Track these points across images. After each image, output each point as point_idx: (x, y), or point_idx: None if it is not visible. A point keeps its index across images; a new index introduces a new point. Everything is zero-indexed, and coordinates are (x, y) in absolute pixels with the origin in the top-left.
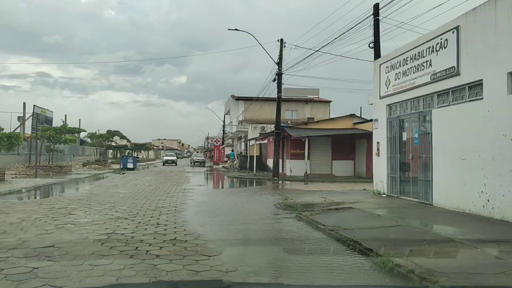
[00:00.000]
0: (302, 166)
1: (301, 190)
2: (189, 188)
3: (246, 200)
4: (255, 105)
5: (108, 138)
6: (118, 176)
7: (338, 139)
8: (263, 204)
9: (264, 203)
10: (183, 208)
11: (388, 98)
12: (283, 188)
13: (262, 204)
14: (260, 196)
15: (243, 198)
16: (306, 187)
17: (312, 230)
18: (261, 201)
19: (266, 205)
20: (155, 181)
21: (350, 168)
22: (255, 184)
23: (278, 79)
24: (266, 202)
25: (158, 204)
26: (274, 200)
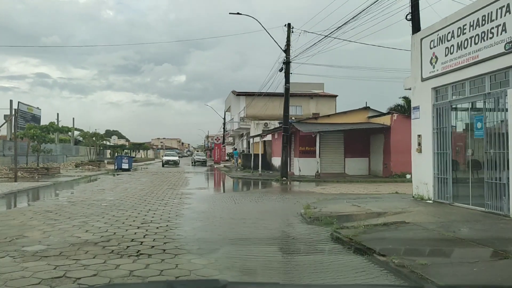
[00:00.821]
0: (312, 164)
1: (319, 194)
2: (188, 193)
3: (258, 210)
4: (257, 100)
5: (102, 137)
6: (109, 178)
7: (351, 134)
8: (282, 215)
9: (282, 214)
10: (178, 223)
11: (435, 80)
12: (296, 190)
13: (280, 216)
14: (274, 203)
15: (253, 205)
16: (323, 189)
17: (368, 264)
18: (277, 210)
19: (285, 216)
20: (150, 184)
21: (365, 167)
22: (263, 186)
23: (285, 68)
24: (284, 211)
25: (147, 217)
26: (293, 209)
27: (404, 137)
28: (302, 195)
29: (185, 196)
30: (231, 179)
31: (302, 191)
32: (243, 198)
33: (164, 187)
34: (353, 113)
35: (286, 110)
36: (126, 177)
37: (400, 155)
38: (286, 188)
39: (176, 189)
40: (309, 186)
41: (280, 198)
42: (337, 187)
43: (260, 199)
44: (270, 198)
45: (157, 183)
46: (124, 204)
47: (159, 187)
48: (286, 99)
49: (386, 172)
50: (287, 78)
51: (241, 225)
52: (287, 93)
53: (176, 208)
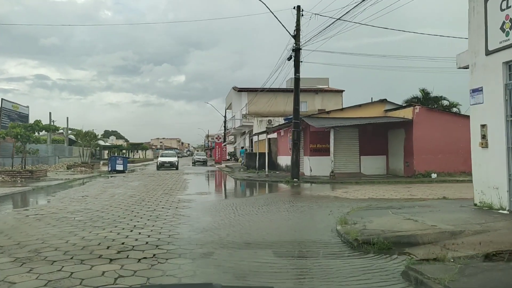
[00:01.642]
0: (325, 163)
1: (344, 199)
2: (186, 200)
3: (278, 226)
4: (260, 97)
5: (96, 137)
6: (100, 181)
7: (367, 130)
8: (313, 234)
9: (314, 233)
10: (170, 252)
11: (508, 52)
12: (314, 195)
13: (312, 236)
14: (296, 214)
15: (270, 218)
16: (345, 193)
17: None
18: (304, 226)
19: (319, 237)
20: (143, 188)
21: (382, 165)
22: (273, 189)
23: (295, 56)
24: (314, 229)
25: (128, 240)
26: (323, 222)
27: (429, 132)
28: (324, 201)
29: (183, 205)
30: (235, 181)
31: (321, 195)
32: (254, 207)
33: (159, 192)
34: (369, 107)
35: (296, 102)
36: (118, 180)
37: (424, 152)
38: (301, 191)
39: (172, 194)
40: (326, 188)
41: (301, 207)
42: (360, 189)
43: (276, 208)
44: (288, 207)
45: (152, 187)
46: (104, 218)
47: (153, 193)
48: (296, 90)
49: (408, 171)
50: (297, 67)
51: (261, 257)
52: (297, 84)
53: (169, 224)
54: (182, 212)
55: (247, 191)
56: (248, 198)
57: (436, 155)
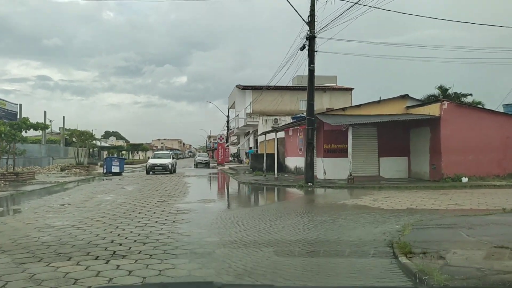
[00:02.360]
0: (340, 166)
1: (378, 209)
2: (186, 210)
3: (303, 262)
4: (266, 95)
5: (92, 136)
6: (91, 185)
7: (387, 129)
8: (365, 269)
9: (365, 267)
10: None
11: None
12: (339, 204)
13: (355, 271)
14: (326, 232)
15: (294, 237)
16: (374, 201)
17: None
18: (344, 252)
19: (368, 273)
20: (137, 194)
21: (403, 168)
22: (287, 196)
23: (309, 45)
24: (362, 257)
25: (100, 279)
26: (367, 247)
27: (458, 131)
28: (353, 212)
29: (181, 218)
30: (241, 185)
31: (346, 204)
32: (269, 219)
33: (155, 199)
34: (388, 103)
35: (310, 97)
36: (112, 183)
37: (453, 153)
38: (319, 199)
39: (170, 202)
40: (348, 195)
41: (324, 222)
42: (389, 196)
43: (296, 221)
44: (311, 221)
45: (147, 193)
46: (78, 238)
47: (148, 200)
48: (310, 83)
49: (434, 174)
50: (311, 57)
51: None
52: (311, 76)
53: (162, 250)
54: (180, 229)
55: (256, 197)
56: (259, 208)
57: (467, 156)
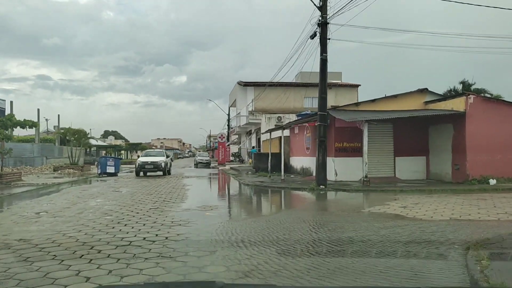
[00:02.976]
0: (353, 166)
1: (420, 222)
2: (183, 221)
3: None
4: (268, 92)
5: (86, 135)
6: (81, 187)
7: (403, 126)
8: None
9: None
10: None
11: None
12: (365, 212)
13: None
14: (374, 268)
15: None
16: (405, 209)
17: None
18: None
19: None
20: (128, 198)
21: (421, 168)
22: (297, 201)
23: (321, 32)
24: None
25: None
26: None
27: (486, 127)
28: (390, 225)
29: (176, 234)
30: (245, 188)
31: (375, 213)
32: (285, 232)
33: (148, 205)
34: (405, 97)
35: (323, 90)
36: (104, 185)
37: (479, 152)
38: (336, 205)
39: (165, 210)
40: (369, 200)
41: (367, 240)
42: (419, 203)
43: (320, 237)
44: (343, 243)
45: (140, 197)
46: (32, 268)
47: (139, 206)
48: (322, 75)
49: (457, 175)
50: (324, 45)
51: None
52: (324, 66)
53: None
54: (173, 251)
55: (263, 204)
56: (272, 217)
57: (494, 156)
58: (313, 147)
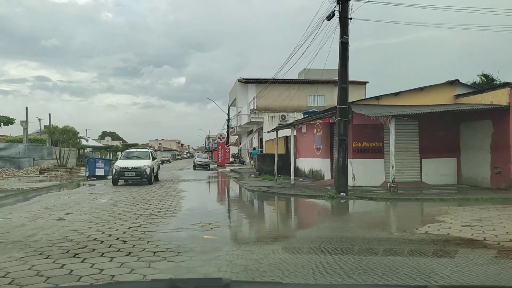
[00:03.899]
0: (373, 169)
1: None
2: (171, 250)
3: None
4: (271, 89)
5: (76, 134)
6: (59, 193)
7: (431, 123)
8: None
9: None
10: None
11: None
12: (423, 235)
13: None
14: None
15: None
16: (469, 227)
17: None
18: None
19: None
20: (107, 210)
21: (451, 172)
22: (316, 215)
23: (341, 10)
24: None
25: None
26: None
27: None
28: (484, 260)
29: (156, 275)
30: (250, 195)
31: (436, 236)
32: (321, 272)
33: (128, 221)
34: (433, 90)
35: (343, 79)
36: (85, 192)
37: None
38: (374, 221)
39: (149, 229)
40: (410, 213)
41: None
42: (481, 219)
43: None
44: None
45: (121, 209)
46: None
47: (116, 223)
48: (343, 61)
49: (498, 180)
50: (344, 26)
51: None
52: (344, 50)
53: None
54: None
55: (276, 219)
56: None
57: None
58: (324, 147)
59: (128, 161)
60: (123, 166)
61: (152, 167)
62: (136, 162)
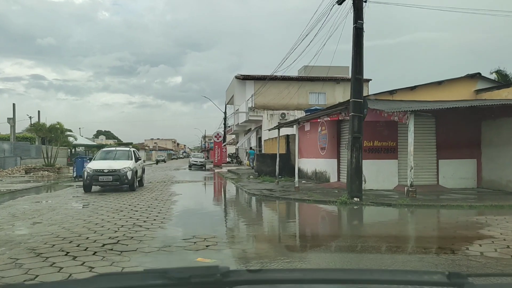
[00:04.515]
0: (387, 171)
1: None
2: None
3: None
4: (270, 86)
5: (63, 132)
6: (36, 197)
7: (449, 120)
8: None
9: None
10: None
11: None
12: (479, 257)
13: None
14: None
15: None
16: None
17: None
18: None
19: None
20: (83, 220)
21: (470, 174)
22: (338, 225)
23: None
24: None
25: None
26: None
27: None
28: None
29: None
30: (251, 200)
31: (504, 260)
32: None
33: (105, 235)
34: (452, 84)
35: (357, 69)
36: (66, 195)
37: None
38: (405, 234)
39: (128, 247)
40: (443, 225)
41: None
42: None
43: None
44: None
45: (100, 217)
46: None
47: (89, 238)
48: (357, 48)
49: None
50: (359, 11)
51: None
52: (358, 38)
53: None
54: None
55: (284, 231)
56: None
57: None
58: (330, 146)
59: (104, 162)
60: (98, 168)
61: (135, 169)
62: (115, 164)
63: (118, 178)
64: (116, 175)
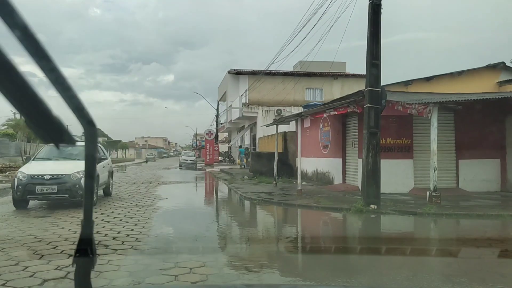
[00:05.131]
0: (401, 172)
1: None
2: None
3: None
4: (264, 82)
5: None
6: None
7: (469, 116)
8: None
9: None
10: None
11: None
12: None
13: None
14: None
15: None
16: None
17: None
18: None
19: None
20: (37, 233)
21: (493, 176)
22: (361, 239)
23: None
24: None
25: None
26: None
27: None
28: None
29: None
30: (248, 206)
31: None
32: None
33: (54, 261)
34: (472, 75)
35: (374, 54)
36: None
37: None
38: (454, 260)
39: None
40: (498, 241)
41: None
42: None
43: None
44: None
45: (57, 231)
46: None
47: (36, 265)
48: (374, 29)
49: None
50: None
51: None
52: (375, 15)
53: None
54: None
55: (291, 251)
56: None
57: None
58: (334, 144)
59: (46, 164)
60: (36, 173)
61: (96, 174)
62: (63, 166)
63: (67, 188)
64: (62, 183)
